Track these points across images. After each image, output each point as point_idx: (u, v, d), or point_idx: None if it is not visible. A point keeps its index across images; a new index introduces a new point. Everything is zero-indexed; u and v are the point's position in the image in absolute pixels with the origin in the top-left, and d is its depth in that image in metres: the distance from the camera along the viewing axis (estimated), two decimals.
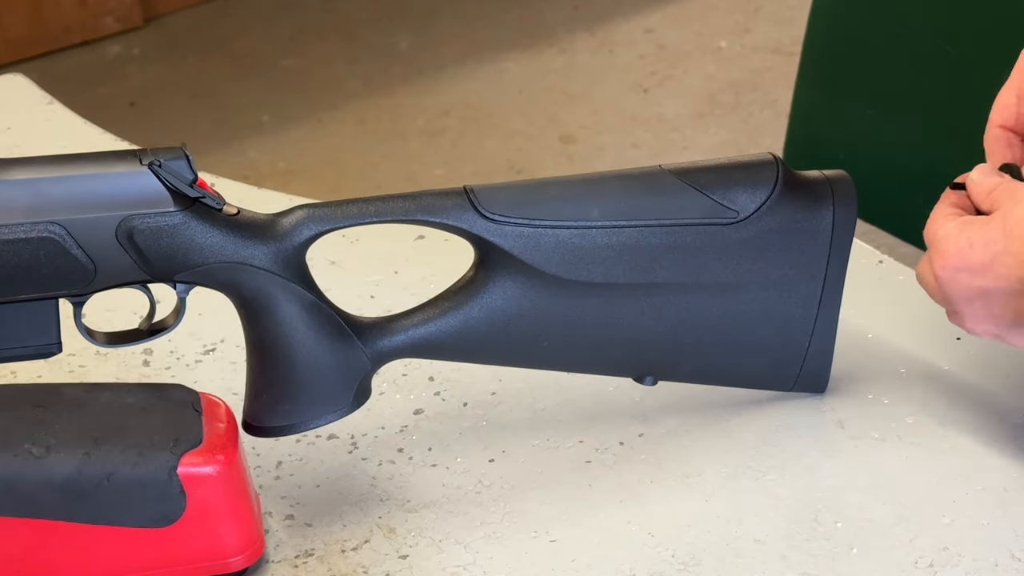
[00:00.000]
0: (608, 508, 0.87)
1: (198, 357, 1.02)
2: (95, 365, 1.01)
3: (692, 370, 0.91)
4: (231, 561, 0.81)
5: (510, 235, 0.84)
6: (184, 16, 3.43)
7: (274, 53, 3.26)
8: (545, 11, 3.36)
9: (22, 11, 3.21)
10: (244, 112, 3.02)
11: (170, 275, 0.80)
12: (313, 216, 0.82)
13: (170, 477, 0.78)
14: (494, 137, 2.89)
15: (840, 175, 0.89)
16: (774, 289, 0.88)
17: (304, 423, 0.84)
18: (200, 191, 0.79)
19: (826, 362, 0.92)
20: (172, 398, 0.83)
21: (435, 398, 0.97)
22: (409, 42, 3.28)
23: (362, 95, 3.07)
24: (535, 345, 0.87)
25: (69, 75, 3.16)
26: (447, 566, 0.83)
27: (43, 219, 0.77)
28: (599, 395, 0.96)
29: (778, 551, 0.83)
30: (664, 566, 0.83)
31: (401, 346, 0.85)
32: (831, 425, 0.92)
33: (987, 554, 0.82)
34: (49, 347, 0.80)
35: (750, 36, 3.18)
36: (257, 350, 0.83)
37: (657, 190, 0.86)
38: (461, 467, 0.91)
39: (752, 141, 2.79)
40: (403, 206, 0.84)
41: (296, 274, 0.82)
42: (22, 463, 0.77)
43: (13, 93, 1.43)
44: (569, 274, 0.85)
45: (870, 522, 0.85)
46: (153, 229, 0.78)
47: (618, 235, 0.85)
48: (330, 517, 0.87)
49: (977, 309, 0.80)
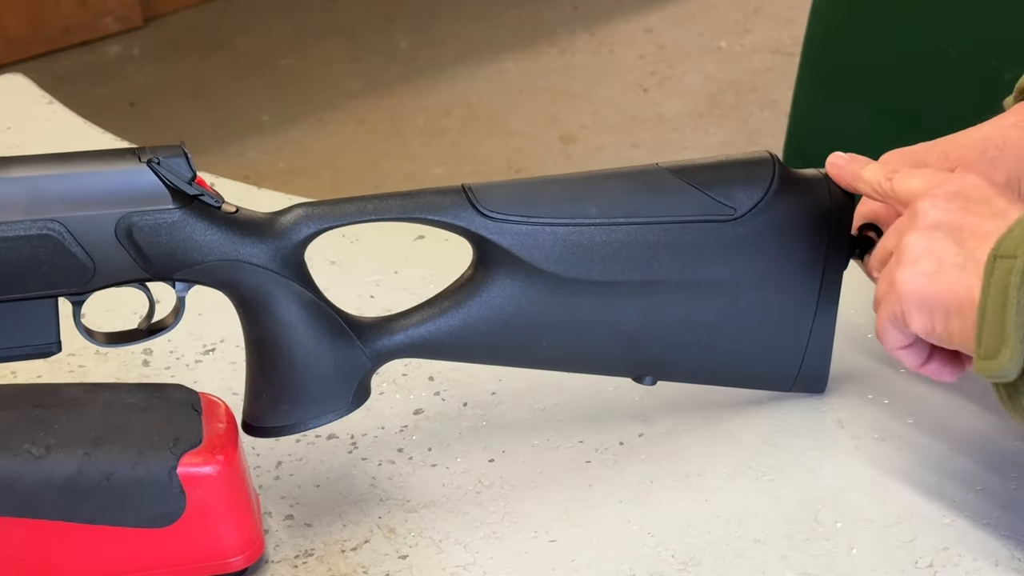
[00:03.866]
0: (608, 508, 0.87)
1: (198, 357, 1.02)
2: (95, 365, 1.01)
3: (691, 369, 0.91)
4: (231, 561, 0.81)
5: (508, 233, 0.84)
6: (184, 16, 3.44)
7: (274, 53, 3.27)
8: (545, 11, 3.36)
9: (22, 11, 3.21)
10: (244, 112, 3.02)
11: (169, 273, 0.80)
12: (312, 214, 0.82)
13: (170, 477, 0.78)
14: (494, 137, 2.89)
15: None
16: (772, 287, 0.88)
17: (304, 423, 0.84)
18: (199, 188, 0.79)
19: (825, 362, 0.92)
20: (172, 398, 0.83)
21: (435, 398, 0.97)
22: (409, 42, 3.28)
23: (362, 95, 3.07)
24: (534, 344, 0.87)
25: (69, 75, 3.16)
26: (447, 566, 0.83)
27: (42, 217, 0.77)
28: (599, 395, 0.96)
29: (778, 551, 0.83)
30: (664, 566, 0.83)
31: (401, 346, 0.85)
32: (831, 425, 0.92)
33: (987, 554, 0.82)
34: (48, 347, 0.80)
35: (750, 36, 3.18)
36: (256, 349, 0.83)
37: (655, 188, 0.86)
38: (461, 467, 0.91)
39: (752, 141, 2.79)
40: (401, 204, 0.84)
41: (295, 272, 0.82)
42: (22, 463, 0.77)
43: (13, 93, 1.43)
44: (567, 272, 0.85)
45: (870, 522, 0.85)
46: (152, 226, 0.78)
47: (616, 233, 0.85)
48: (330, 517, 0.87)
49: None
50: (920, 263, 0.76)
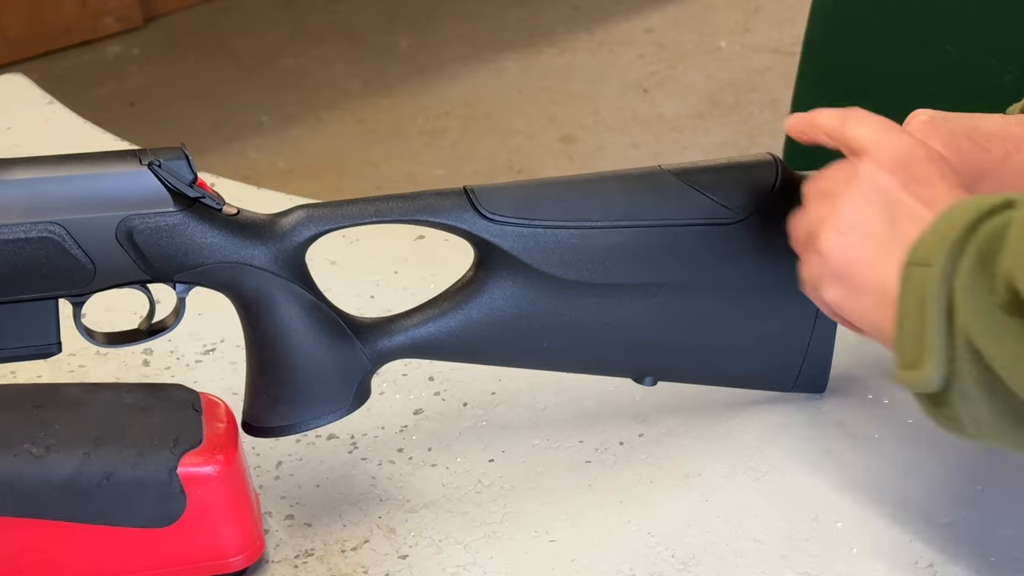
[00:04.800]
0: (608, 508, 0.87)
1: (198, 357, 1.02)
2: (95, 365, 1.01)
3: (692, 370, 0.91)
4: (231, 561, 0.81)
5: (510, 235, 0.84)
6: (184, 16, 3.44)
7: (274, 53, 3.26)
8: (545, 11, 3.36)
9: (22, 11, 3.21)
10: (244, 112, 3.02)
11: (170, 275, 0.80)
12: (313, 216, 0.82)
13: (170, 477, 0.78)
14: (494, 137, 2.89)
15: None
16: (773, 289, 0.88)
17: (304, 423, 0.84)
18: (200, 191, 0.79)
19: (826, 362, 0.92)
20: (172, 398, 0.83)
21: (435, 398, 0.97)
22: (409, 42, 3.28)
23: (362, 95, 3.07)
24: (535, 345, 0.87)
25: (69, 75, 3.16)
26: (447, 566, 0.83)
27: (43, 219, 0.77)
28: (599, 395, 0.96)
29: (778, 551, 0.83)
30: (664, 566, 0.83)
31: (401, 346, 0.85)
32: (831, 425, 0.92)
33: (987, 554, 0.82)
34: (49, 347, 0.80)
35: (750, 36, 3.18)
36: (257, 350, 0.83)
37: (657, 190, 0.86)
38: (461, 467, 0.91)
39: (752, 141, 2.78)
40: (403, 206, 0.84)
41: (296, 274, 0.82)
42: (22, 463, 0.77)
43: (13, 93, 1.43)
44: (569, 274, 0.85)
45: (870, 522, 0.85)
46: (153, 229, 0.78)
47: (618, 235, 0.85)
48: (330, 517, 0.87)
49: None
50: (849, 234, 0.75)
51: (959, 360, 0.67)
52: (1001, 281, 0.65)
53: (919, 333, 0.69)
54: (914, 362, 0.69)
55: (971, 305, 0.66)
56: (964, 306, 0.67)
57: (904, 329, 0.70)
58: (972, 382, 0.67)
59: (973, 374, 0.67)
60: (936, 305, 0.68)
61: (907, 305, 0.70)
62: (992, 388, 0.67)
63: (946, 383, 0.68)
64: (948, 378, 0.68)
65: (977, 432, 0.70)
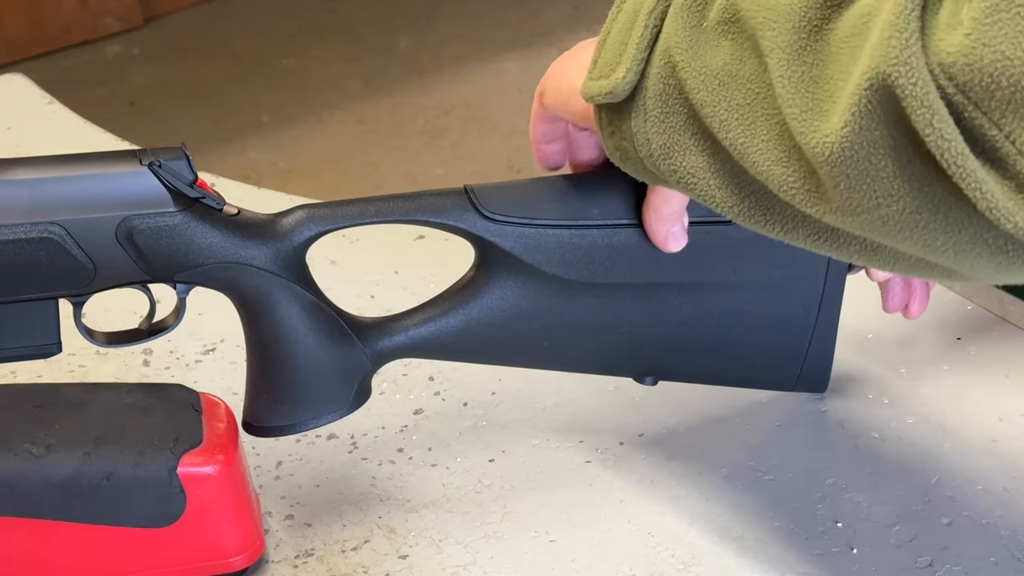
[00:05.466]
0: (608, 508, 0.87)
1: (198, 357, 1.02)
2: (95, 365, 1.01)
3: (692, 370, 0.91)
4: (231, 561, 0.81)
5: (510, 235, 0.84)
6: (184, 16, 3.44)
7: (274, 53, 3.27)
8: (545, 11, 3.37)
9: (22, 11, 3.22)
10: (244, 112, 3.02)
11: (170, 275, 0.80)
12: (313, 216, 0.82)
13: (170, 477, 0.78)
14: (494, 137, 2.89)
15: None
16: (775, 288, 0.88)
17: (304, 423, 0.84)
18: (200, 191, 0.79)
19: (827, 362, 0.92)
20: (172, 398, 0.83)
21: (435, 398, 0.97)
22: (409, 42, 3.28)
23: (362, 95, 3.07)
24: (535, 345, 0.87)
25: (69, 75, 3.16)
26: (447, 566, 0.83)
27: (43, 219, 0.77)
28: (599, 395, 0.96)
29: (778, 551, 0.83)
30: (664, 566, 0.83)
31: (401, 346, 0.85)
32: (831, 425, 0.92)
33: (987, 554, 0.82)
34: (49, 347, 0.80)
35: None
36: (257, 350, 0.83)
37: None
38: (461, 467, 0.91)
39: None
40: (403, 206, 0.84)
41: (296, 274, 0.82)
42: (22, 463, 0.77)
43: (13, 93, 1.43)
44: (570, 274, 0.85)
45: (870, 522, 0.85)
46: (153, 229, 0.78)
47: (619, 235, 0.85)
48: (330, 517, 0.87)
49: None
50: (554, 66, 0.82)
51: (652, 69, 0.70)
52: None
53: (622, 43, 0.71)
54: (607, 71, 0.72)
55: (682, 22, 0.68)
56: (675, 21, 0.69)
57: (607, 41, 0.73)
58: (656, 98, 0.70)
59: (658, 88, 0.69)
60: (647, 19, 0.70)
61: (618, 20, 0.73)
62: (672, 107, 0.69)
63: (631, 96, 0.71)
64: (636, 87, 0.71)
65: (647, 156, 0.72)
